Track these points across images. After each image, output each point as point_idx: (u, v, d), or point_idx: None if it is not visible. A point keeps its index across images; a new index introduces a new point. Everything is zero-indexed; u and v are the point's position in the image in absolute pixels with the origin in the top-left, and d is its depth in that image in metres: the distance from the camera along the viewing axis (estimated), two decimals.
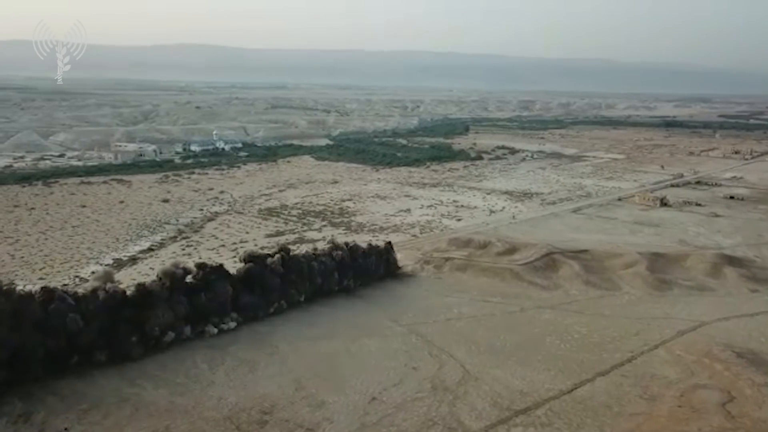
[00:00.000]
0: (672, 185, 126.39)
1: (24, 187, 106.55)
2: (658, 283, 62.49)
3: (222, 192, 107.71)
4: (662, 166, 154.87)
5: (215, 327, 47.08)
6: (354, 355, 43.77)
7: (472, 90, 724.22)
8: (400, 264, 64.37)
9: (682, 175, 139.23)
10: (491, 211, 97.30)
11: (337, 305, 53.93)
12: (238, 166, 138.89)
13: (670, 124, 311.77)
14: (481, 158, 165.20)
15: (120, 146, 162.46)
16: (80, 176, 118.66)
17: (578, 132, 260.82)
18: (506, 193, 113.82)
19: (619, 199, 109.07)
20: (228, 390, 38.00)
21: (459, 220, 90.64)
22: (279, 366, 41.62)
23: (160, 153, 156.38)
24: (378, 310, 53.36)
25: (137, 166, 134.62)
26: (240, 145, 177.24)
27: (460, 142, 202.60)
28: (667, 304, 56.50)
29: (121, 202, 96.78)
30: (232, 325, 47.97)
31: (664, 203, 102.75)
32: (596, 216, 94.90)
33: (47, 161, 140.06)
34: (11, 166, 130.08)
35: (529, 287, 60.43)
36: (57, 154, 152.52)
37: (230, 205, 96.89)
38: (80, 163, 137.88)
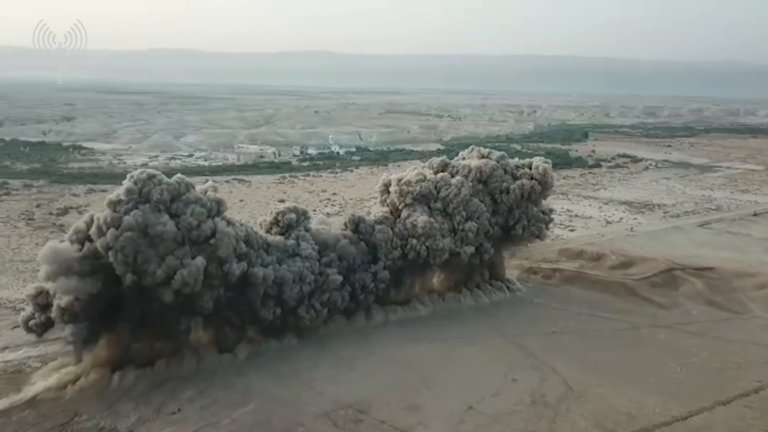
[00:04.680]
0: None
1: None
2: None
3: (334, 194, 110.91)
4: None
5: None
6: (453, 362, 43.45)
7: (593, 95, 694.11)
8: (506, 273, 62.84)
9: None
10: (607, 222, 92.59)
11: (441, 309, 53.61)
12: (351, 170, 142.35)
13: None
14: (599, 166, 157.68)
15: (242, 148, 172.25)
16: (205, 175, 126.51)
17: (710, 140, 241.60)
18: (625, 203, 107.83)
19: (755, 214, 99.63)
20: (327, 386, 39.08)
21: (572, 230, 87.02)
22: (378, 366, 42.19)
23: (279, 155, 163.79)
24: (481, 317, 52.56)
25: (257, 167, 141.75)
26: (353, 149, 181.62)
27: (577, 149, 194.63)
28: None
29: (241, 200, 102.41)
30: None
31: None
32: (726, 231, 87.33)
33: (177, 161, 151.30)
34: (146, 164, 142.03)
35: (644, 304, 56.83)
36: (186, 154, 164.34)
37: (341, 207, 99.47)
38: (206, 163, 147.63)
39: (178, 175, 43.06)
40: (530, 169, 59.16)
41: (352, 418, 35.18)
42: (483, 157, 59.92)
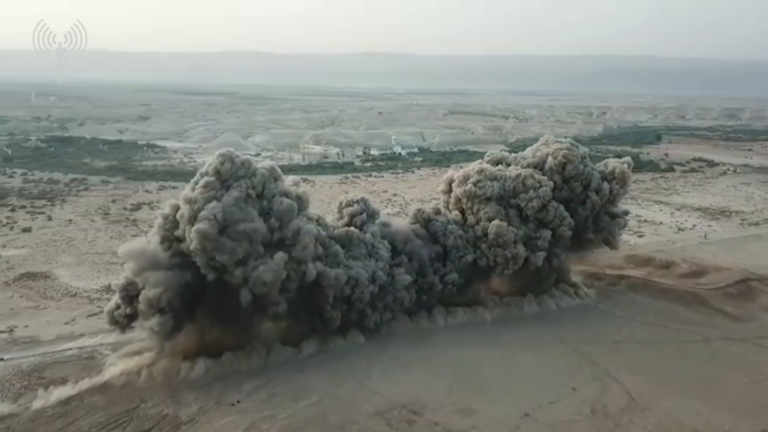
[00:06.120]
0: None
1: None
2: None
3: (395, 194, 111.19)
4: None
5: None
6: (511, 367, 42.63)
7: (668, 96, 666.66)
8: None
9: None
10: (679, 229, 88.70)
11: (503, 313, 52.63)
12: (412, 171, 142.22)
13: None
14: (672, 170, 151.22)
15: (307, 148, 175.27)
16: None
17: None
18: (699, 209, 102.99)
19: None
20: (382, 386, 39.12)
21: (640, 236, 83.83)
22: (434, 369, 41.89)
23: (343, 156, 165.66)
24: (542, 324, 51.29)
25: (321, 167, 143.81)
26: (416, 150, 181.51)
27: (649, 152, 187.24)
28: None
29: None
30: None
31: None
32: None
33: None
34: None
35: (716, 315, 54.01)
36: (254, 153, 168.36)
37: (401, 208, 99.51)
38: (273, 163, 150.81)
39: (269, 163, 42.42)
40: (605, 168, 56.85)
41: (406, 419, 35.11)
42: (554, 142, 57.32)
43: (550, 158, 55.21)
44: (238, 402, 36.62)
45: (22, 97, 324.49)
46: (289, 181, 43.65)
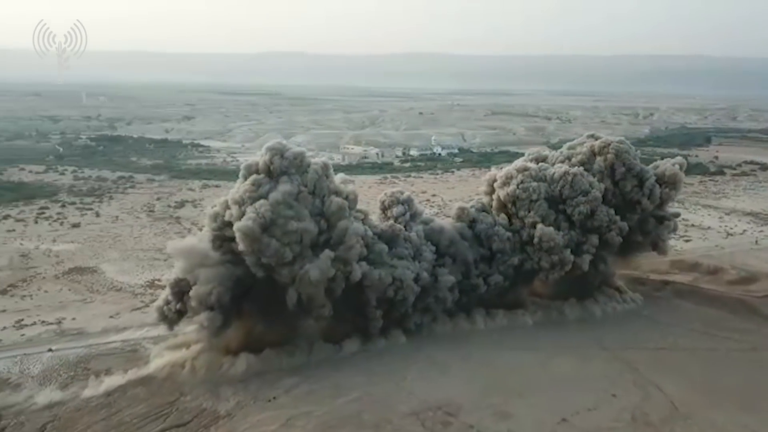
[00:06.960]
0: None
1: None
2: None
3: (434, 195, 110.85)
4: None
5: None
6: (549, 372, 41.95)
7: (719, 97, 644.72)
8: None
9: None
10: (728, 234, 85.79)
11: (544, 316, 51.80)
12: (452, 171, 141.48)
13: None
14: (722, 173, 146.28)
15: (347, 148, 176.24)
16: None
17: None
18: (750, 214, 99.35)
19: None
20: (418, 386, 38.98)
21: (687, 240, 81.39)
22: (471, 372, 41.54)
23: (382, 156, 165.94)
24: (582, 328, 50.32)
25: (361, 167, 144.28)
26: (456, 150, 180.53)
27: (698, 155, 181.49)
28: None
29: None
30: None
31: None
32: None
33: None
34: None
35: (766, 324, 51.93)
36: None
37: (440, 209, 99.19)
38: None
39: (321, 160, 41.98)
40: (656, 169, 55.31)
41: (441, 420, 34.91)
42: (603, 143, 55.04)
43: (598, 158, 53.88)
44: (274, 398, 37.05)
45: (74, 97, 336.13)
46: (336, 179, 43.38)
